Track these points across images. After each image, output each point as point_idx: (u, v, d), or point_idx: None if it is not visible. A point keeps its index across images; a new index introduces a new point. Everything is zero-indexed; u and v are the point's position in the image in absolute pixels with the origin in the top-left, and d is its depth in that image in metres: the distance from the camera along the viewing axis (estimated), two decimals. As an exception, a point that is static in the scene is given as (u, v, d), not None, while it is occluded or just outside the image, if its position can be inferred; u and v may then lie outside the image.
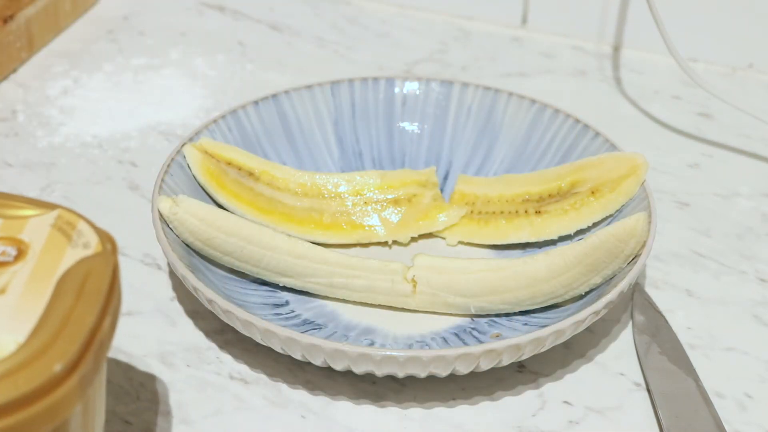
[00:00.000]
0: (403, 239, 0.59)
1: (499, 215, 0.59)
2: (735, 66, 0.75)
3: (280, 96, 0.62)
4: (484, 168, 0.62)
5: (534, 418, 0.50)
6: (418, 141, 0.64)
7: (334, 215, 0.59)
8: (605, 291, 0.51)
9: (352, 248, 0.59)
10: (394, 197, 0.60)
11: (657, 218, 0.54)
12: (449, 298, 0.53)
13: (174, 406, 0.50)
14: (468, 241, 0.59)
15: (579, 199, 0.57)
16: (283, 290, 0.56)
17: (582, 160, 0.58)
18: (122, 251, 0.59)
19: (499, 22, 0.80)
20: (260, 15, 0.81)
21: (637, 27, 0.76)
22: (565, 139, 0.60)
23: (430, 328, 0.54)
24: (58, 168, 0.65)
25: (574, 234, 0.57)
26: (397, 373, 0.49)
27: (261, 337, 0.49)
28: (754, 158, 0.68)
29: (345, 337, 0.53)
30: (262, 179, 0.59)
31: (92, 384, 0.38)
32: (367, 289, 0.54)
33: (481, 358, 0.48)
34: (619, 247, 0.52)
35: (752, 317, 0.56)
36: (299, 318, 0.54)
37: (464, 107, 0.63)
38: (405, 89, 0.64)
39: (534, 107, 0.62)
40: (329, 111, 0.63)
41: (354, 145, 0.63)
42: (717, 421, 0.49)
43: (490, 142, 0.62)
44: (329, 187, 0.60)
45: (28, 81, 0.73)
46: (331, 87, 0.63)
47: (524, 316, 0.54)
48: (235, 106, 0.61)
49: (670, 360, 0.52)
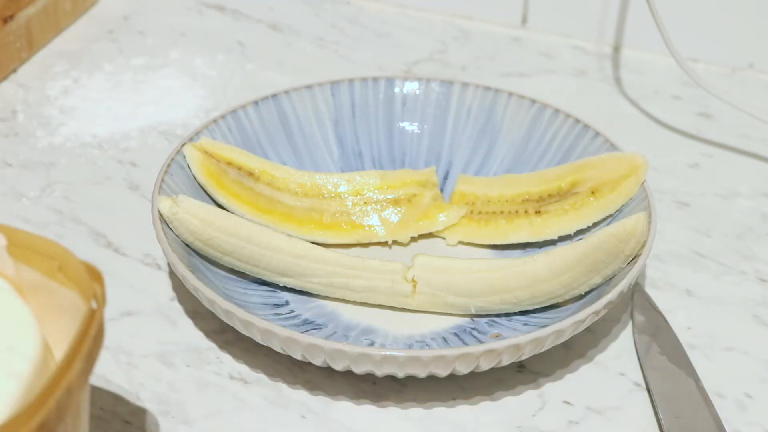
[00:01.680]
0: (403, 239, 0.59)
1: (499, 215, 0.59)
2: (735, 66, 0.75)
3: (280, 96, 0.62)
4: (484, 168, 0.62)
5: (534, 418, 0.50)
6: (418, 141, 0.64)
7: (334, 215, 0.59)
8: (605, 291, 0.51)
9: (352, 248, 0.59)
10: (394, 197, 0.60)
11: (657, 218, 0.54)
12: (449, 298, 0.53)
13: (174, 406, 0.50)
14: (468, 241, 0.59)
15: (579, 199, 0.57)
16: (283, 290, 0.56)
17: (582, 160, 0.58)
18: (122, 251, 0.59)
19: (499, 22, 0.80)
20: (260, 15, 0.81)
21: (637, 27, 0.76)
22: (565, 139, 0.60)
23: (430, 328, 0.54)
24: (58, 168, 0.65)
25: (574, 234, 0.57)
26: (397, 373, 0.49)
27: (261, 337, 0.49)
28: (754, 158, 0.68)
29: (345, 337, 0.53)
30: (262, 179, 0.59)
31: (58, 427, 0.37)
32: (367, 289, 0.54)
33: (481, 358, 0.48)
34: (619, 247, 0.52)
35: (752, 317, 0.56)
36: (299, 318, 0.54)
37: (464, 107, 0.63)
38: (405, 89, 0.64)
39: (534, 107, 0.62)
40: (329, 111, 0.63)
41: (354, 145, 0.63)
42: (717, 421, 0.49)
43: (490, 142, 0.62)
44: (329, 187, 0.60)
45: (28, 81, 0.73)
46: (331, 87, 0.63)
47: (524, 316, 0.54)
48: (235, 106, 0.61)
49: (670, 360, 0.52)
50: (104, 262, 0.57)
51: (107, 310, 0.44)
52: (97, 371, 0.51)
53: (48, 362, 0.41)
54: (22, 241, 0.43)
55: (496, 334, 0.53)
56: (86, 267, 0.40)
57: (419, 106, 0.64)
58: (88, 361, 0.38)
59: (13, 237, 0.43)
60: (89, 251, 0.59)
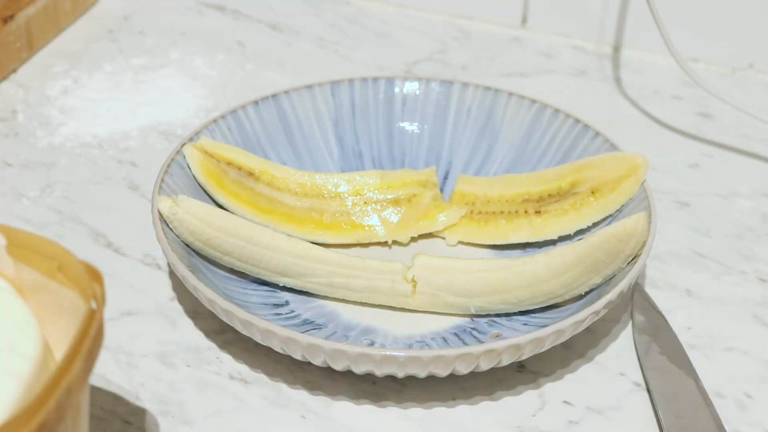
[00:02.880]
0: (403, 239, 0.59)
1: (499, 215, 0.59)
2: (735, 66, 0.75)
3: (280, 96, 0.62)
4: (484, 168, 0.62)
5: (534, 418, 0.50)
6: (418, 141, 0.64)
7: (334, 215, 0.59)
8: (605, 291, 0.51)
9: (352, 248, 0.59)
10: (394, 197, 0.60)
11: (657, 218, 0.54)
12: (449, 298, 0.53)
13: (174, 406, 0.50)
14: (468, 241, 0.59)
15: (579, 199, 0.57)
16: (283, 290, 0.56)
17: (582, 160, 0.58)
18: (122, 251, 0.59)
19: (499, 22, 0.80)
20: (260, 15, 0.81)
21: (637, 27, 0.76)
22: (565, 139, 0.60)
23: (430, 328, 0.54)
24: (58, 168, 0.65)
25: (574, 234, 0.57)
26: (397, 373, 0.49)
27: (261, 337, 0.49)
28: (754, 158, 0.68)
29: (345, 337, 0.53)
30: (262, 179, 0.59)
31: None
32: (366, 289, 0.54)
33: (480, 358, 0.48)
34: (619, 247, 0.52)
35: (752, 317, 0.56)
36: (299, 318, 0.54)
37: (464, 107, 0.63)
38: (405, 89, 0.64)
39: (534, 107, 0.62)
40: (329, 111, 0.63)
41: (354, 145, 0.63)
42: (717, 421, 0.49)
43: (490, 142, 0.62)
44: (329, 187, 0.60)
45: (28, 81, 0.73)
46: (331, 87, 0.63)
47: (524, 316, 0.54)
48: (235, 106, 0.61)
49: (670, 360, 0.52)
50: (104, 262, 0.57)
51: (107, 310, 0.44)
52: (97, 371, 0.51)
53: (48, 362, 0.41)
54: (21, 241, 0.43)
55: (496, 334, 0.53)
56: (86, 267, 0.40)
57: (419, 106, 0.64)
58: (88, 361, 0.38)
59: (13, 237, 0.43)
60: (89, 251, 0.59)
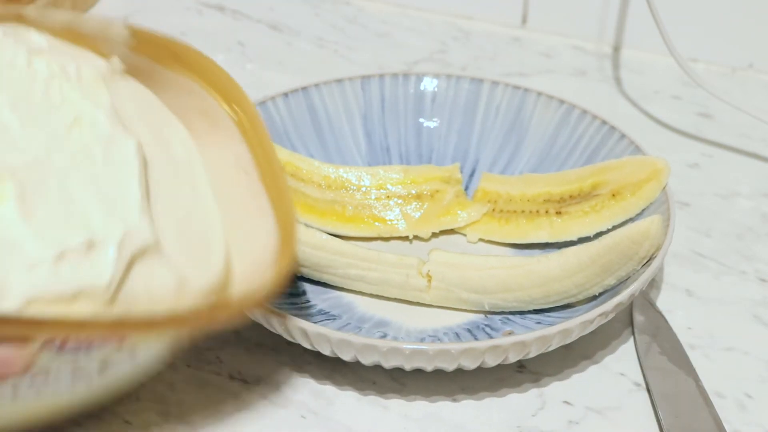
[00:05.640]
0: (424, 234, 0.59)
1: (519, 214, 0.59)
2: (735, 66, 0.75)
3: (309, 89, 0.63)
4: (510, 167, 0.62)
5: (534, 418, 0.50)
6: (445, 138, 0.64)
7: (356, 208, 0.59)
8: (617, 292, 0.51)
9: (373, 242, 0.59)
10: (416, 192, 0.60)
11: (675, 223, 0.54)
12: (463, 294, 0.54)
13: (174, 406, 0.50)
14: (488, 238, 0.59)
15: (600, 201, 0.57)
16: (300, 280, 0.56)
17: (604, 163, 0.58)
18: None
19: (499, 22, 0.80)
20: (260, 15, 0.81)
21: (637, 27, 0.76)
22: (592, 140, 0.60)
23: (443, 323, 0.54)
24: (58, 168, 0.65)
25: (593, 236, 0.56)
26: (403, 365, 0.49)
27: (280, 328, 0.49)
28: (754, 158, 0.68)
29: (358, 328, 0.53)
30: (286, 170, 0.59)
31: None
32: (382, 282, 0.54)
33: (486, 354, 0.48)
34: (633, 249, 0.51)
35: (752, 317, 0.56)
36: (314, 308, 0.54)
37: (493, 105, 0.63)
38: (435, 86, 0.64)
39: (562, 107, 0.62)
40: (359, 105, 0.63)
41: (382, 139, 0.63)
42: (717, 421, 0.49)
43: (518, 140, 0.62)
44: (353, 181, 0.60)
45: (28, 81, 0.72)
46: (361, 81, 0.63)
47: (538, 315, 0.54)
48: (264, 97, 0.61)
49: (670, 360, 0.52)
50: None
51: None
52: (97, 371, 0.51)
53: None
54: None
55: (509, 332, 0.53)
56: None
57: (448, 103, 0.64)
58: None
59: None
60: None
